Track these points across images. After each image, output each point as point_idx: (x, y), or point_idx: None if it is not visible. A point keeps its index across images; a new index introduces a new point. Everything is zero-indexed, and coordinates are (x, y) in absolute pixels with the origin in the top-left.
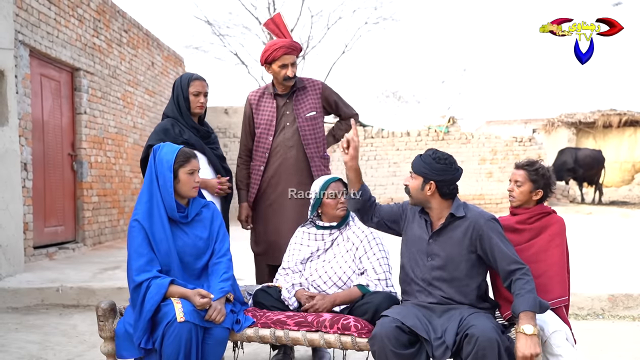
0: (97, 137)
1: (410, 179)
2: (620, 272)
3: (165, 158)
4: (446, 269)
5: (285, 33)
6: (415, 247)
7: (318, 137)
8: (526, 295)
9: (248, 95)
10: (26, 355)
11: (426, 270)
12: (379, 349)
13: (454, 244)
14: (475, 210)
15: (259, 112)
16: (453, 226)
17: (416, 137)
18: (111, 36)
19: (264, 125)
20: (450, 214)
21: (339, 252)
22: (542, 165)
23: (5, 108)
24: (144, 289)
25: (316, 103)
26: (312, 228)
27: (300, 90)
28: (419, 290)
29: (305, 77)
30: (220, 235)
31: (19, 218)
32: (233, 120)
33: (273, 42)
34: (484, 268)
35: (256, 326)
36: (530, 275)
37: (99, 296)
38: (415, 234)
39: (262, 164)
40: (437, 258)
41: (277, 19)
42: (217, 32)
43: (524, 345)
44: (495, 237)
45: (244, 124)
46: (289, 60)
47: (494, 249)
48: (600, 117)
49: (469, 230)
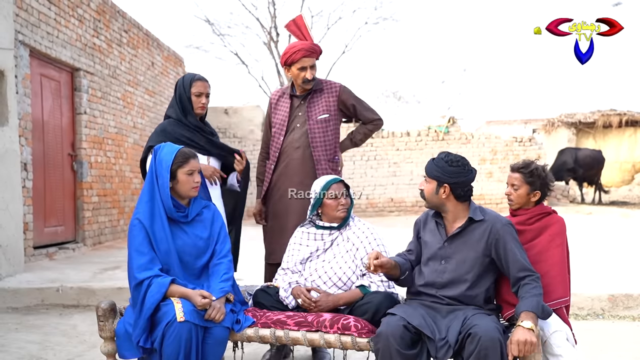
0: (97, 137)
1: (425, 183)
2: (620, 272)
3: (164, 158)
4: (459, 272)
5: (307, 35)
6: (429, 251)
7: (328, 140)
8: (531, 299)
9: (270, 95)
10: (26, 355)
11: (438, 273)
12: (384, 347)
13: (469, 248)
14: (492, 214)
15: (277, 111)
16: (469, 229)
17: (416, 137)
18: (111, 36)
19: (278, 125)
20: (469, 218)
21: (338, 253)
22: (537, 166)
23: (5, 108)
24: (145, 286)
25: (331, 106)
26: (311, 228)
27: (316, 92)
28: (428, 292)
29: (324, 79)
30: (221, 237)
31: (19, 218)
32: (233, 121)
33: (292, 45)
34: (494, 272)
35: (256, 326)
36: (539, 282)
37: (99, 296)
38: (428, 238)
39: (272, 163)
40: (451, 261)
41: (299, 20)
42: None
43: (521, 333)
44: (510, 242)
45: (265, 122)
46: (307, 62)
47: (508, 254)
48: (600, 117)
49: (485, 233)
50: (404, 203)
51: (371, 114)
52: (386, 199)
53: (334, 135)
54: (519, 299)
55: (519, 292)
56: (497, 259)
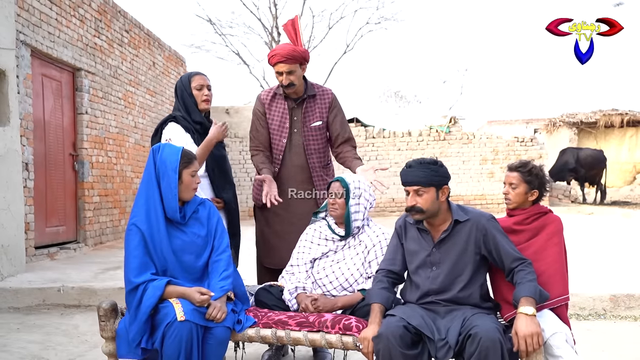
0: (98, 137)
1: (416, 197)
2: (621, 272)
3: (169, 159)
4: (452, 275)
5: (297, 38)
6: (417, 259)
7: (321, 146)
8: (527, 284)
9: (260, 94)
10: (28, 355)
11: (431, 280)
12: (384, 348)
13: (458, 249)
14: (474, 211)
15: (272, 111)
16: (455, 231)
17: (417, 137)
18: (112, 36)
19: (276, 127)
20: (455, 220)
21: (349, 255)
22: (535, 165)
23: (7, 108)
24: (141, 291)
25: (323, 112)
26: (324, 227)
27: (310, 99)
28: (423, 298)
29: (317, 84)
30: (218, 232)
31: (21, 218)
32: (234, 120)
33: (273, 49)
34: (485, 268)
35: (257, 326)
36: (532, 268)
37: (100, 296)
38: (412, 246)
39: (276, 166)
40: (442, 266)
41: (295, 22)
42: (220, 31)
43: (524, 324)
44: (497, 235)
45: (255, 121)
46: (282, 68)
47: (499, 247)
48: (601, 117)
49: (472, 231)
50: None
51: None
52: (387, 199)
53: (326, 142)
54: (515, 284)
55: (514, 278)
56: (488, 254)
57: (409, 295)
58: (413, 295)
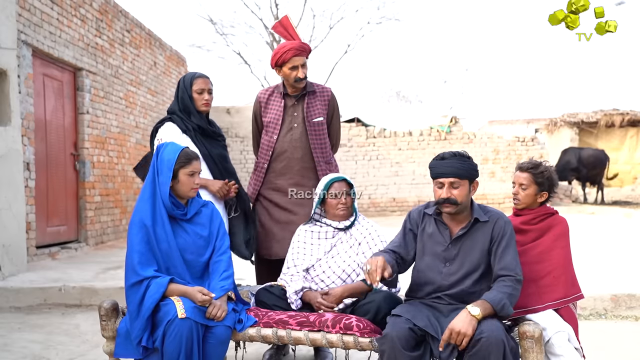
0: (99, 136)
1: (452, 189)
2: (623, 272)
3: (166, 157)
4: (464, 272)
5: (294, 35)
6: (431, 253)
7: (323, 142)
8: (497, 292)
9: (257, 94)
10: (29, 355)
11: (443, 276)
12: (390, 349)
13: (475, 247)
14: (494, 211)
15: (267, 110)
16: (474, 229)
17: (418, 136)
18: (113, 36)
19: (271, 123)
20: (475, 219)
21: (342, 249)
22: (547, 167)
23: (8, 108)
24: (144, 287)
25: (323, 109)
26: (315, 226)
27: (310, 95)
28: (432, 294)
29: (315, 82)
30: (220, 233)
31: (22, 218)
32: (235, 120)
33: (282, 45)
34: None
35: (258, 326)
36: (518, 285)
37: (101, 296)
38: (428, 238)
39: (265, 162)
40: (456, 263)
41: (285, 21)
42: (221, 31)
43: (461, 321)
44: (510, 240)
45: (253, 123)
46: (299, 61)
47: (503, 252)
48: (603, 117)
49: (490, 230)
50: (406, 203)
51: (337, 134)
52: (388, 199)
53: (327, 138)
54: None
55: (494, 284)
56: (492, 252)
57: (415, 289)
58: (421, 289)
